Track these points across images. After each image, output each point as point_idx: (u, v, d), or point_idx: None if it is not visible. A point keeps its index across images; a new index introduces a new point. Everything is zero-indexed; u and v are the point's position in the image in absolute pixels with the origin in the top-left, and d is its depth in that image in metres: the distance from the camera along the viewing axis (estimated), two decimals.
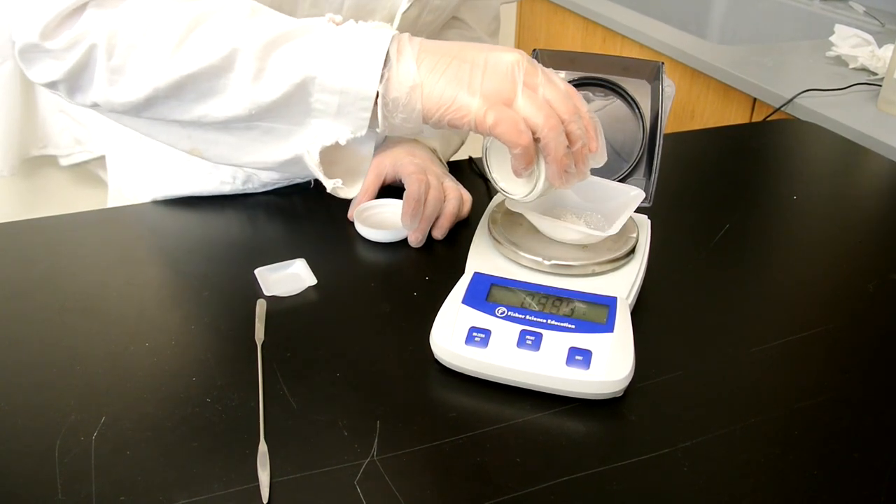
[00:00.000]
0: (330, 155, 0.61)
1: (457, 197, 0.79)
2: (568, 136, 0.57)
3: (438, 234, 0.76)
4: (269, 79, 0.58)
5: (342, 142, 0.60)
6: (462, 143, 0.97)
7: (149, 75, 0.59)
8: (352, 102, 0.58)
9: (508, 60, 0.57)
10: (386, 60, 0.57)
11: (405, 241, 0.76)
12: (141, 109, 0.62)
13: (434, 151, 0.88)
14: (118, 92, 0.61)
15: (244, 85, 0.58)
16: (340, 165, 0.63)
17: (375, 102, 0.58)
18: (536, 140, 0.57)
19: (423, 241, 0.75)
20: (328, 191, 0.62)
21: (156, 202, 0.84)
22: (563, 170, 0.58)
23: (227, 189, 0.84)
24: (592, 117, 0.59)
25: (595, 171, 0.70)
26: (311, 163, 0.61)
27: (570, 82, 0.73)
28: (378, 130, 0.61)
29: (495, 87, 0.56)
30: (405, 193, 0.76)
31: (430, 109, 0.58)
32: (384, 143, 0.87)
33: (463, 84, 0.56)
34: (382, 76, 0.57)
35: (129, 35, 0.58)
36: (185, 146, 0.65)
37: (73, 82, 0.62)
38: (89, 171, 1.85)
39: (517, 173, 0.59)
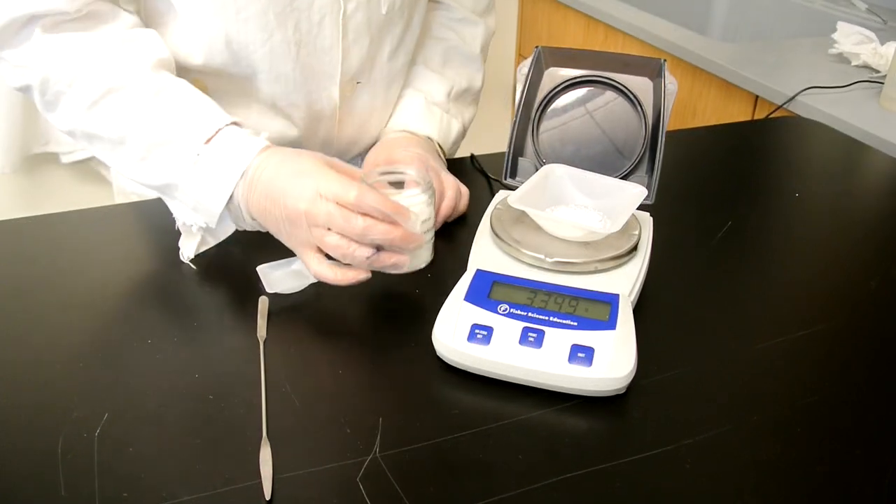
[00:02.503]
0: None
1: (454, 189, 0.78)
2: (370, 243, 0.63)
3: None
4: (147, 168, 0.71)
5: (194, 229, 0.72)
6: (464, 132, 0.96)
7: (71, 119, 0.71)
8: (203, 211, 0.69)
9: (298, 213, 0.63)
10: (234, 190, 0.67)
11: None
12: (70, 136, 0.73)
13: (430, 139, 0.87)
14: (53, 119, 0.73)
15: (133, 161, 0.71)
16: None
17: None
18: None
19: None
20: (182, 258, 0.73)
21: (158, 199, 0.84)
22: (382, 266, 0.64)
23: None
24: (378, 199, 0.62)
25: (598, 169, 0.70)
26: (178, 224, 0.74)
27: (572, 80, 0.73)
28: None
29: (297, 235, 0.65)
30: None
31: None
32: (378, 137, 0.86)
33: (280, 231, 0.67)
34: (230, 208, 0.69)
35: (58, 83, 0.70)
36: None
37: (25, 95, 0.73)
38: (91, 168, 1.85)
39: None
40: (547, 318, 0.59)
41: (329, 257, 0.65)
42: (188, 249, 0.72)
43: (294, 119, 0.84)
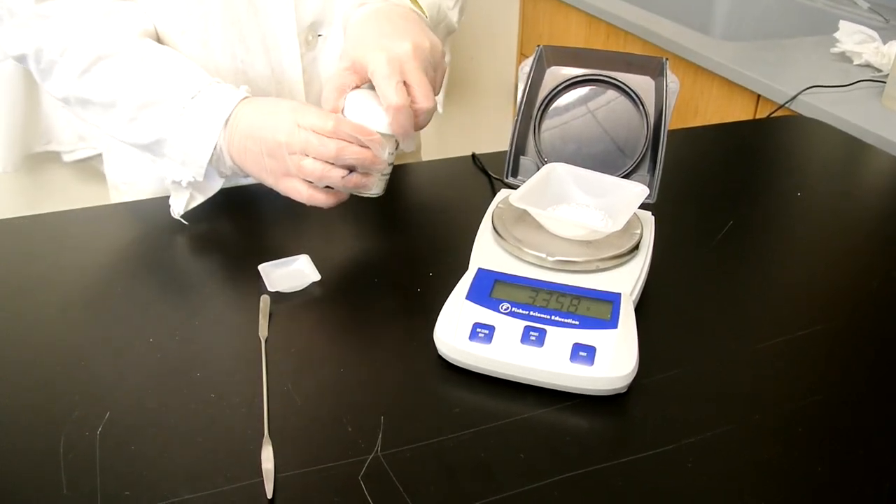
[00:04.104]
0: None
1: (422, 97, 0.69)
2: (343, 165, 0.69)
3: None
4: (137, 127, 0.75)
5: (183, 184, 0.76)
6: (451, 24, 0.91)
7: (64, 86, 0.76)
8: (191, 164, 0.74)
9: (277, 144, 0.69)
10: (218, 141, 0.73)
11: (406, 236, 0.76)
12: (65, 103, 0.78)
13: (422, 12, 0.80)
14: (49, 87, 0.77)
15: (122, 123, 0.76)
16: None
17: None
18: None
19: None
20: (173, 215, 0.77)
21: (158, 198, 0.84)
22: (354, 186, 0.71)
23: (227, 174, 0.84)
24: (354, 126, 0.68)
25: (599, 168, 0.70)
26: (167, 183, 0.77)
27: (573, 78, 0.73)
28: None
29: (275, 166, 0.71)
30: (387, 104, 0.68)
31: (251, 177, 0.75)
32: (355, 31, 0.75)
33: (259, 166, 0.72)
34: (212, 158, 0.73)
35: (50, 52, 0.74)
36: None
37: (21, 64, 0.78)
38: (92, 167, 1.85)
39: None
40: (548, 316, 0.59)
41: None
42: (178, 206, 0.76)
43: (259, 79, 0.85)
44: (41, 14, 0.74)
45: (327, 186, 0.72)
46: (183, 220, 0.77)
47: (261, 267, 0.69)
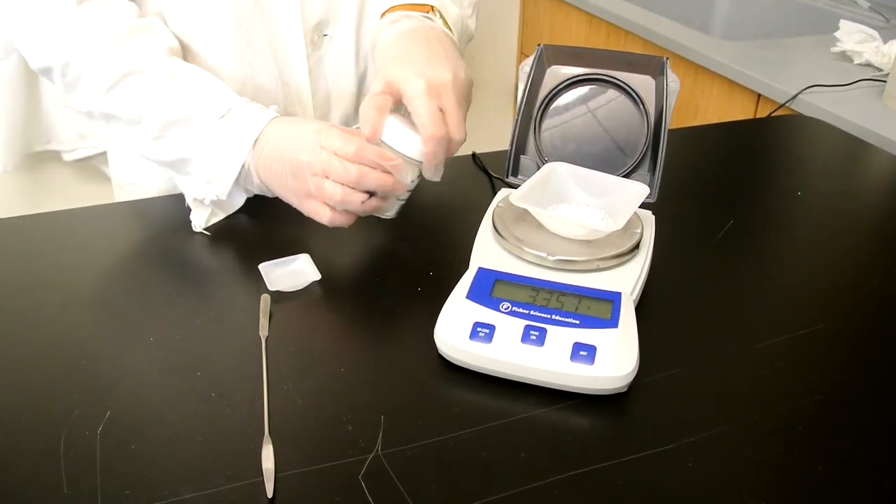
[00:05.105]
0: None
1: (454, 131, 0.70)
2: (365, 189, 0.69)
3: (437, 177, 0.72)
4: (162, 146, 0.75)
5: (206, 202, 0.76)
6: (469, 29, 0.91)
7: (90, 101, 0.76)
8: (216, 182, 0.74)
9: (300, 164, 0.69)
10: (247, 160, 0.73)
11: (406, 235, 0.76)
12: (88, 117, 0.78)
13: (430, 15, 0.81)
14: (72, 100, 0.78)
15: (147, 140, 0.76)
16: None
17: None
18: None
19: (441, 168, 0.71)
20: (194, 228, 0.76)
21: (160, 197, 0.84)
22: (373, 210, 0.71)
23: None
24: (377, 152, 0.68)
25: (600, 167, 0.70)
26: (188, 200, 0.77)
27: (574, 78, 0.73)
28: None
29: (298, 187, 0.70)
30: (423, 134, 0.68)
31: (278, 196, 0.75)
32: (390, 50, 0.75)
33: (283, 187, 0.72)
34: (239, 177, 0.74)
35: (77, 67, 0.74)
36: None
37: (45, 76, 0.77)
38: (93, 166, 1.85)
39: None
40: (549, 316, 0.59)
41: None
42: (199, 220, 0.76)
43: (266, 81, 0.85)
44: (71, 24, 0.73)
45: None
46: (205, 232, 0.76)
47: (261, 266, 0.69)
